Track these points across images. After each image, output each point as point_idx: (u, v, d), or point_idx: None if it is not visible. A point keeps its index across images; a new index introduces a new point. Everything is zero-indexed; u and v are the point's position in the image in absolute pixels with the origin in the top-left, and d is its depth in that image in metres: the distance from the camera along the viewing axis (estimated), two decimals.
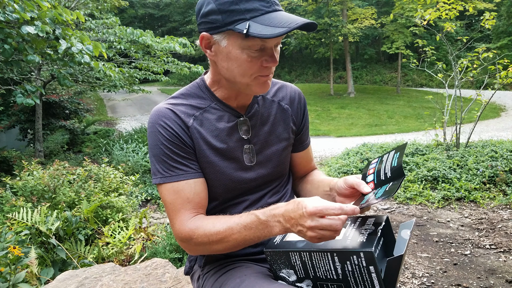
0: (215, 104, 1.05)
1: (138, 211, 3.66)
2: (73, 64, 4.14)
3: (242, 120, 1.07)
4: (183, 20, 30.63)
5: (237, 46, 0.93)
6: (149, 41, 6.03)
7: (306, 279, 0.95)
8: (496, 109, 13.67)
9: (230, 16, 0.90)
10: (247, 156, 1.07)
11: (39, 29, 3.55)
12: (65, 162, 3.91)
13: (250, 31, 0.87)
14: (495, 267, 2.69)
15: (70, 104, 9.72)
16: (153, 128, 1.00)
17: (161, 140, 0.99)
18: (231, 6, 0.89)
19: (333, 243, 0.90)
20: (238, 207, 1.09)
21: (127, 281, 1.93)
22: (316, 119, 13.40)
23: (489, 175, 4.25)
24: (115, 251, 2.79)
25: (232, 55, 0.94)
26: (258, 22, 0.89)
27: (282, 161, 1.15)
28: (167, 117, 1.00)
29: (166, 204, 1.01)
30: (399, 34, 17.87)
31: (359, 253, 0.84)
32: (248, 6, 0.89)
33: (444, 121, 5.45)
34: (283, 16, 0.90)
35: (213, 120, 1.04)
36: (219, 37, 0.94)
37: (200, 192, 1.02)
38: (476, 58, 5.19)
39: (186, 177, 1.00)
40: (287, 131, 1.16)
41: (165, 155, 0.99)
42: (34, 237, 2.77)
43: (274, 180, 1.15)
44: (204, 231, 0.95)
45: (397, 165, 0.95)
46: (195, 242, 0.97)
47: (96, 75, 6.84)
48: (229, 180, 1.06)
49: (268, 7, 0.91)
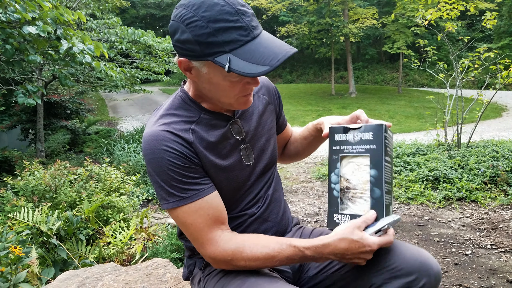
0: (204, 114, 1.04)
1: (139, 211, 3.66)
2: (75, 64, 4.14)
3: (233, 122, 1.08)
4: None
5: (218, 74, 0.92)
6: (150, 41, 6.04)
7: None
8: (498, 109, 13.64)
9: (208, 48, 0.87)
10: (245, 156, 1.09)
11: (41, 29, 3.56)
12: (66, 162, 3.91)
13: (232, 67, 0.85)
14: (496, 267, 2.69)
15: (71, 104, 9.73)
16: (155, 154, 0.96)
17: (167, 166, 0.95)
18: (208, 38, 0.86)
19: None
20: (242, 203, 1.11)
21: (128, 281, 1.93)
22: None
23: (490, 175, 4.24)
24: (116, 251, 2.80)
25: (214, 81, 0.94)
26: (238, 56, 0.86)
27: (274, 148, 1.20)
28: (167, 139, 0.96)
29: (186, 226, 0.99)
30: (401, 34, 17.85)
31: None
32: (226, 37, 0.86)
33: (446, 121, 5.44)
34: (264, 46, 0.87)
35: (208, 130, 1.03)
36: (199, 64, 0.92)
37: (218, 205, 1.01)
38: (478, 58, 5.18)
39: (202, 195, 0.98)
40: (271, 119, 1.21)
41: (174, 179, 0.96)
42: (35, 237, 2.77)
43: (270, 168, 1.18)
44: (243, 257, 0.97)
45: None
46: (232, 264, 0.99)
47: (97, 75, 6.86)
48: (235, 182, 1.07)
49: (246, 35, 0.87)
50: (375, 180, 0.99)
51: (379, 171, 0.99)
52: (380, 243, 0.94)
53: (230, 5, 0.86)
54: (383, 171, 0.99)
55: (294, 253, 0.95)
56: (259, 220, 1.13)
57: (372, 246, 0.93)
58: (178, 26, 0.90)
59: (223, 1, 0.87)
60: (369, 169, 1.00)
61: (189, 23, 0.87)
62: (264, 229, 1.14)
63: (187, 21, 0.87)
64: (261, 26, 0.93)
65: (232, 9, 0.86)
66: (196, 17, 0.86)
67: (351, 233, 0.93)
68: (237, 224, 1.11)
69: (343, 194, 1.04)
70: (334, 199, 1.04)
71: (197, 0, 0.88)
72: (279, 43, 0.89)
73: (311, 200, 4.67)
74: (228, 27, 0.85)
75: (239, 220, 1.11)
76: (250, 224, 1.12)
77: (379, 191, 0.99)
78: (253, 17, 0.90)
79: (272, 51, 0.87)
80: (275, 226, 1.16)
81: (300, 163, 6.83)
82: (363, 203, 1.00)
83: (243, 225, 1.11)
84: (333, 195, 1.04)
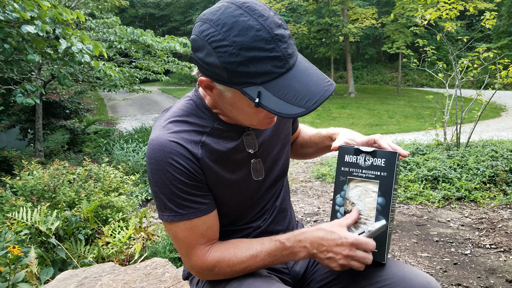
0: (218, 124, 0.97)
1: (138, 210, 3.65)
2: (73, 63, 4.14)
3: (248, 134, 1.01)
4: (184, 20, 30.63)
5: (243, 102, 0.84)
6: (149, 40, 6.03)
7: None
8: (497, 109, 13.65)
9: (237, 77, 0.77)
10: (254, 170, 1.04)
11: (39, 29, 3.55)
12: (65, 162, 3.90)
13: (262, 102, 0.77)
14: (495, 267, 2.69)
15: (70, 103, 9.71)
16: (160, 165, 0.90)
17: (170, 180, 0.90)
18: (238, 67, 0.76)
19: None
20: (248, 216, 1.08)
21: (127, 281, 1.93)
22: (316, 119, 13.40)
23: (489, 174, 4.24)
24: (115, 250, 2.79)
25: (237, 106, 0.87)
26: (270, 90, 0.77)
27: (287, 157, 1.14)
28: (175, 153, 0.90)
29: (178, 240, 0.96)
30: (400, 34, 17.87)
31: None
32: (259, 68, 0.76)
33: (445, 121, 5.44)
34: (299, 81, 0.78)
35: (220, 142, 0.97)
36: (223, 88, 0.84)
37: (213, 225, 0.98)
38: (477, 58, 5.18)
39: (199, 214, 0.94)
40: (288, 124, 1.15)
41: (175, 194, 0.91)
42: (34, 236, 2.76)
43: (281, 179, 1.14)
44: (228, 263, 0.95)
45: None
46: (217, 272, 0.97)
47: (96, 74, 6.84)
48: (242, 197, 1.04)
49: (281, 67, 0.77)
50: (382, 209, 0.97)
51: (387, 200, 0.97)
52: (358, 240, 0.89)
53: (266, 30, 0.76)
54: (391, 200, 0.97)
55: (275, 246, 0.93)
56: (264, 233, 1.09)
57: (349, 238, 0.88)
58: (203, 46, 0.79)
59: (259, 23, 0.76)
60: (376, 196, 0.97)
61: (217, 46, 0.76)
62: None
63: (215, 43, 0.77)
64: (296, 50, 0.82)
65: (269, 35, 0.76)
66: (226, 42, 0.76)
67: (330, 225, 0.93)
68: (241, 237, 1.07)
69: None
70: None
71: (228, 19, 0.77)
72: (316, 78, 0.80)
73: (311, 200, 4.67)
74: (262, 57, 0.75)
75: (244, 233, 1.08)
76: (254, 237, 1.07)
77: (384, 220, 0.97)
78: (290, 41, 0.80)
79: (308, 90, 0.78)
80: None
81: (299, 163, 6.83)
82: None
83: (247, 238, 1.08)
84: (336, 218, 1.02)
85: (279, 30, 0.78)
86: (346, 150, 1.03)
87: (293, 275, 1.14)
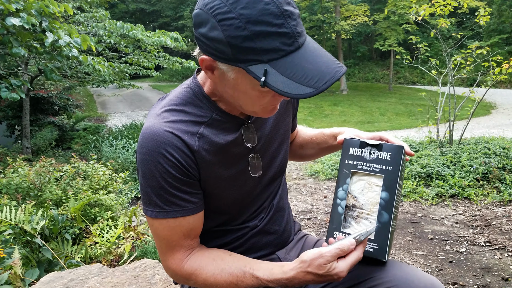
0: (216, 114, 0.91)
1: (127, 209, 3.56)
2: (61, 58, 4.02)
3: (247, 127, 0.95)
4: (175, 15, 30.35)
5: (247, 83, 0.79)
6: (139, 35, 5.90)
7: None
8: (487, 107, 13.76)
9: (242, 54, 0.72)
10: (252, 166, 0.98)
11: (25, 21, 3.43)
12: (52, 159, 3.79)
13: (268, 81, 0.72)
14: (490, 265, 2.66)
15: (59, 99, 9.52)
16: (151, 156, 0.84)
17: (160, 173, 0.84)
18: (244, 42, 0.71)
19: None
20: (244, 215, 1.03)
21: (115, 283, 1.85)
22: (309, 116, 13.36)
23: (482, 172, 4.23)
24: (103, 251, 2.71)
25: (241, 89, 0.81)
26: (277, 69, 0.72)
27: (285, 154, 1.09)
28: (169, 144, 0.84)
29: (159, 238, 0.91)
30: (392, 31, 17.89)
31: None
32: (266, 45, 0.71)
33: (438, 118, 5.43)
34: (308, 61, 0.73)
35: (218, 134, 0.91)
36: (226, 67, 0.78)
37: (198, 226, 0.94)
38: (469, 55, 5.17)
39: (185, 213, 0.89)
40: (288, 120, 1.09)
41: (163, 189, 0.86)
42: (19, 236, 2.68)
43: (279, 177, 1.09)
44: (204, 279, 0.91)
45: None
46: (191, 283, 0.93)
47: (85, 69, 6.69)
48: (238, 193, 0.98)
49: (290, 44, 0.72)
50: (385, 204, 0.93)
51: (391, 195, 0.93)
52: (348, 267, 0.84)
53: (275, 4, 0.71)
54: (395, 195, 0.93)
55: (257, 284, 0.89)
56: (261, 233, 1.05)
57: (340, 274, 0.83)
58: (207, 19, 0.74)
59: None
60: (380, 190, 0.94)
61: (222, 19, 0.71)
62: (265, 242, 1.06)
63: (220, 16, 0.71)
64: (305, 32, 0.77)
65: (278, 10, 0.71)
66: (232, 14, 0.70)
67: (317, 267, 0.83)
68: (236, 237, 1.03)
69: (347, 212, 0.98)
70: (337, 215, 0.98)
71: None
72: (326, 58, 0.75)
73: (304, 197, 4.62)
74: (270, 32, 0.70)
75: (239, 233, 1.03)
76: (250, 237, 1.04)
77: (387, 216, 0.93)
78: (299, 20, 0.75)
79: (318, 69, 0.73)
80: (277, 238, 1.08)
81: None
82: (367, 225, 0.94)
83: (243, 238, 1.03)
84: (337, 211, 0.98)
85: (289, 6, 0.73)
86: (351, 143, 1.00)
87: None
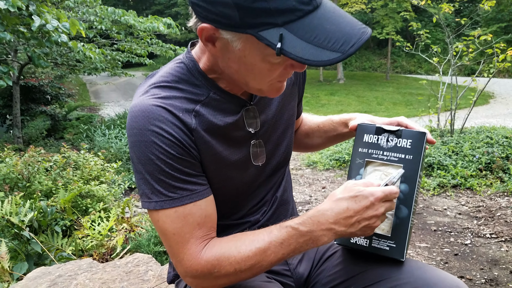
0: (214, 93, 0.79)
1: (120, 200, 3.44)
2: (50, 44, 3.85)
3: (249, 109, 0.84)
4: (168, 2, 29.83)
5: (256, 54, 0.67)
6: (131, 20, 5.71)
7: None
8: (485, 96, 13.68)
9: (252, 16, 0.61)
10: (254, 154, 0.86)
11: (10, 4, 3.27)
12: (41, 149, 3.65)
13: (285, 48, 0.60)
14: (497, 258, 2.57)
15: (50, 88, 9.31)
16: (143, 136, 0.71)
17: (157, 154, 0.71)
18: (255, 2, 0.59)
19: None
20: (244, 208, 0.91)
21: (105, 280, 1.74)
22: (305, 106, 13.23)
23: (485, 161, 4.14)
24: (95, 243, 2.59)
25: (248, 61, 0.69)
26: (295, 33, 0.61)
27: (290, 141, 0.97)
28: (162, 119, 0.72)
29: (167, 234, 0.75)
30: (390, 19, 17.70)
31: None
32: (280, 4, 0.59)
33: (439, 106, 5.32)
34: (330, 22, 0.63)
35: (216, 115, 0.79)
36: (231, 36, 0.66)
37: (212, 213, 0.79)
38: (472, 42, 5.05)
39: (194, 198, 0.75)
40: (293, 104, 0.97)
41: (163, 172, 0.72)
42: (6, 229, 2.56)
43: (283, 167, 0.97)
44: (230, 261, 0.74)
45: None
46: (217, 275, 0.75)
47: (76, 56, 6.50)
48: (239, 183, 0.86)
49: (308, 3, 0.61)
50: (404, 197, 0.82)
51: (411, 187, 0.82)
52: (384, 190, 0.74)
53: None
54: (416, 188, 0.82)
55: (288, 234, 0.74)
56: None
57: (375, 193, 0.73)
58: None
59: None
60: (399, 182, 0.83)
61: None
62: None
63: None
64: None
65: None
66: None
67: (346, 190, 0.75)
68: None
69: None
70: None
71: None
72: (348, 19, 0.64)
73: (302, 188, 4.51)
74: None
75: (239, 228, 0.90)
76: None
77: (407, 211, 0.82)
78: None
79: (342, 30, 0.62)
80: None
81: None
82: (384, 221, 0.82)
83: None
84: None
85: None
86: (366, 129, 0.88)
87: (296, 277, 1.00)
